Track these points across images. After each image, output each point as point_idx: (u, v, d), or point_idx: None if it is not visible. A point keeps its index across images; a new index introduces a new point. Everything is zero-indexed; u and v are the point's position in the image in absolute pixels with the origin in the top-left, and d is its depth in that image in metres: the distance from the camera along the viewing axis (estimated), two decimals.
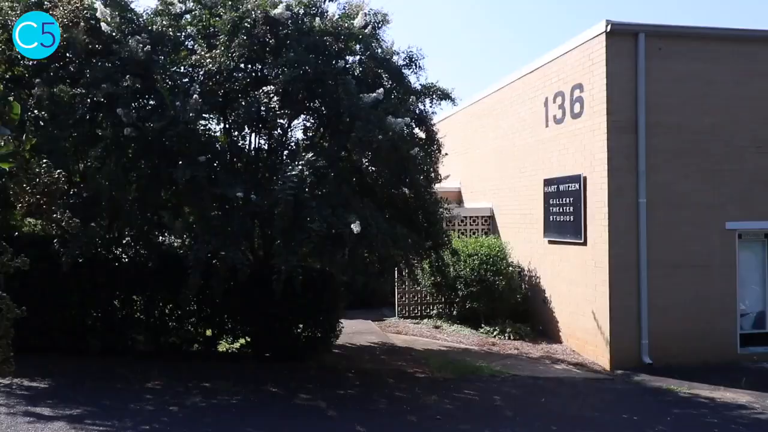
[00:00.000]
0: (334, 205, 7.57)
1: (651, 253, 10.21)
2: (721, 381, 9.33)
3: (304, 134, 9.98)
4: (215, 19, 8.67)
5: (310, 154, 7.85)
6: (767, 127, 10.69)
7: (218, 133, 9.59)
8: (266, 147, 9.81)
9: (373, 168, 8.95)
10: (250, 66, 9.16)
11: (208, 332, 9.81)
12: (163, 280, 9.04)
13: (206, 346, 9.85)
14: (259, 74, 9.09)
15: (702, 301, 10.40)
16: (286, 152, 9.49)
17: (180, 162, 7.69)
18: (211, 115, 9.20)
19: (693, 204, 10.40)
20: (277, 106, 8.55)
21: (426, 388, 8.61)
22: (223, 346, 10.05)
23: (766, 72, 10.70)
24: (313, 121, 9.82)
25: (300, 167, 7.58)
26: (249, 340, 9.81)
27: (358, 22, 9.18)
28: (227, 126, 9.43)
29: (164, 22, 8.80)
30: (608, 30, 10.14)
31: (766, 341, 11.00)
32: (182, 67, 8.76)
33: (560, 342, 11.89)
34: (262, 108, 8.44)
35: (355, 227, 7.06)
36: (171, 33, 8.73)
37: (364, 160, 8.71)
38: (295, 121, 9.93)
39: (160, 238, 9.52)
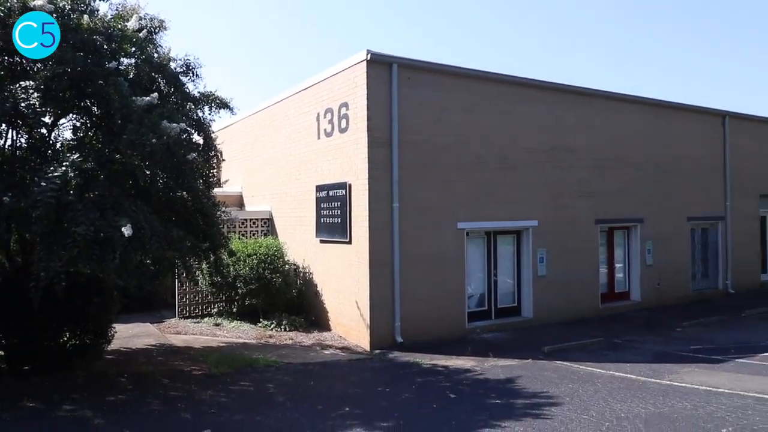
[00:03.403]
0: (103, 208, 6.82)
1: (403, 250, 11.10)
2: (454, 351, 10.51)
3: (73, 134, 8.81)
4: None
5: (76, 155, 6.95)
6: (486, 148, 12.33)
7: None
8: (27, 146, 8.43)
9: (148, 171, 8.27)
10: (6, 58, 7.80)
11: None
12: None
13: None
14: (18, 68, 7.79)
15: (440, 287, 11.62)
16: (50, 152, 8.28)
17: None
18: None
19: (434, 208, 11.56)
20: (37, 102, 7.41)
21: (202, 385, 8.20)
22: None
23: (484, 104, 12.33)
24: (83, 121, 8.72)
25: (64, 168, 6.67)
26: (3, 354, 8.31)
27: (132, 24, 8.45)
28: None
29: None
30: (368, 58, 10.79)
31: (486, 317, 12.73)
32: None
33: (330, 330, 12.29)
34: (21, 104, 7.23)
35: (126, 230, 6.47)
36: None
37: (140, 163, 8.00)
38: (63, 120, 8.73)
39: None
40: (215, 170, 10.56)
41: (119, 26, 8.19)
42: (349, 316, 11.52)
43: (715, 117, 17.36)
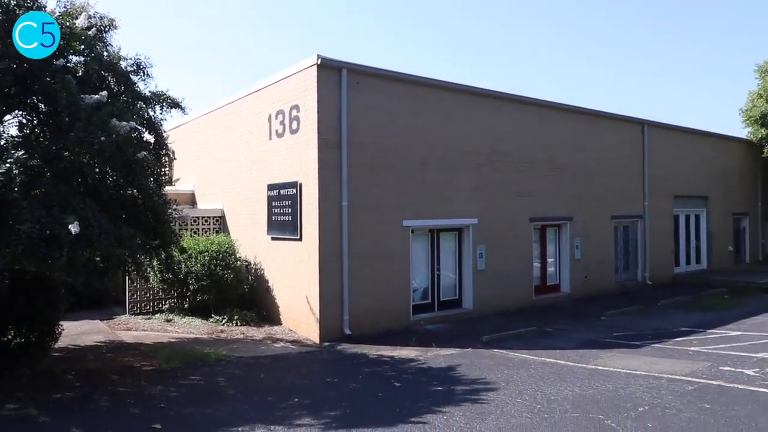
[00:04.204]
0: (50, 206, 6.47)
1: (351, 246, 11.08)
2: (399, 342, 10.57)
3: (19, 131, 8.31)
4: None
5: (22, 152, 6.56)
6: (430, 150, 12.46)
7: None
8: None
9: (98, 169, 7.91)
10: None
11: None
12: None
13: None
14: None
15: (387, 282, 11.67)
16: None
17: None
18: None
19: (381, 207, 11.59)
20: None
21: (152, 380, 7.92)
22: None
23: (429, 109, 12.48)
24: (29, 118, 8.23)
25: (8, 165, 6.29)
26: None
27: (80, 22, 8.05)
28: None
29: None
30: (319, 63, 10.70)
31: (430, 309, 12.89)
32: None
33: (281, 324, 12.12)
34: None
35: (74, 228, 6.17)
36: None
37: (89, 161, 7.64)
38: (8, 117, 8.21)
39: None
40: (166, 169, 10.22)
41: (67, 23, 7.79)
42: (299, 311, 11.40)
43: (636, 125, 18.24)
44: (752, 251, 23.90)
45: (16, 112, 8.19)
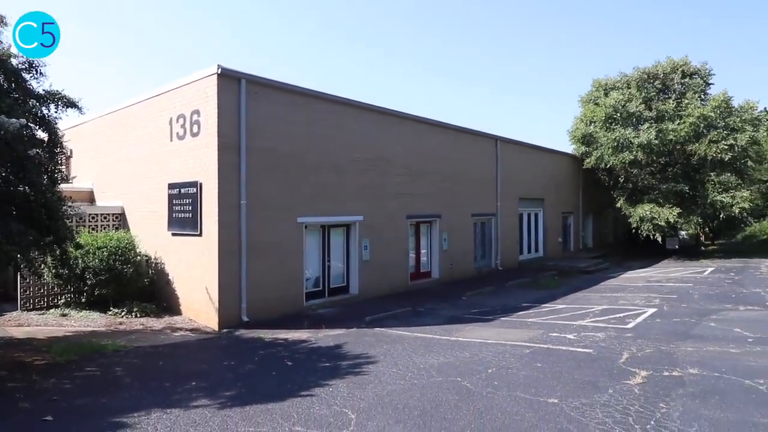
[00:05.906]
0: None
1: (249, 241, 10.75)
2: (293, 326, 10.47)
3: None
4: None
5: None
6: (322, 156, 12.45)
7: None
8: None
9: None
10: None
11: None
12: None
13: None
14: None
15: (282, 272, 11.48)
16: None
17: None
18: None
19: (277, 205, 11.37)
20: None
21: (45, 374, 7.06)
22: None
23: (321, 119, 12.47)
24: None
25: None
26: None
27: None
28: None
29: None
30: (219, 72, 10.21)
31: (321, 295, 12.87)
32: None
33: (181, 314, 11.41)
34: None
35: None
36: None
37: None
38: None
39: None
40: (62, 166, 9.15)
41: None
42: (199, 301, 10.82)
43: (491, 140, 19.68)
44: (575, 242, 26.93)
45: None
